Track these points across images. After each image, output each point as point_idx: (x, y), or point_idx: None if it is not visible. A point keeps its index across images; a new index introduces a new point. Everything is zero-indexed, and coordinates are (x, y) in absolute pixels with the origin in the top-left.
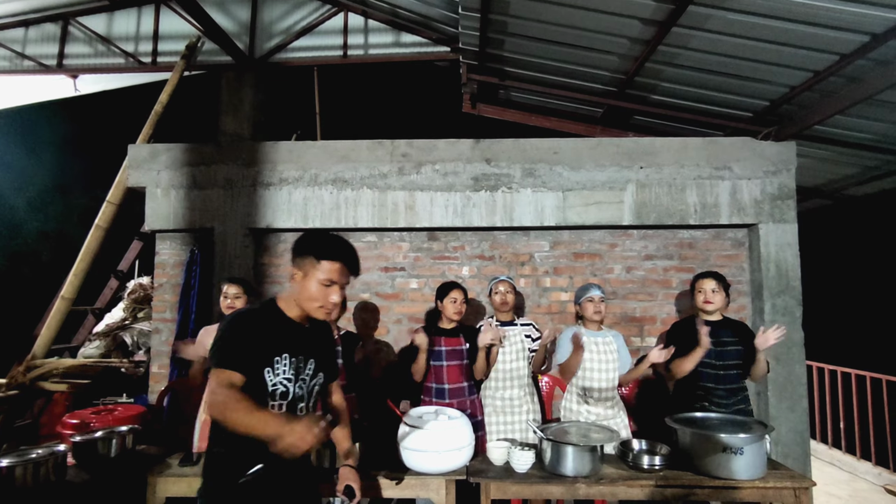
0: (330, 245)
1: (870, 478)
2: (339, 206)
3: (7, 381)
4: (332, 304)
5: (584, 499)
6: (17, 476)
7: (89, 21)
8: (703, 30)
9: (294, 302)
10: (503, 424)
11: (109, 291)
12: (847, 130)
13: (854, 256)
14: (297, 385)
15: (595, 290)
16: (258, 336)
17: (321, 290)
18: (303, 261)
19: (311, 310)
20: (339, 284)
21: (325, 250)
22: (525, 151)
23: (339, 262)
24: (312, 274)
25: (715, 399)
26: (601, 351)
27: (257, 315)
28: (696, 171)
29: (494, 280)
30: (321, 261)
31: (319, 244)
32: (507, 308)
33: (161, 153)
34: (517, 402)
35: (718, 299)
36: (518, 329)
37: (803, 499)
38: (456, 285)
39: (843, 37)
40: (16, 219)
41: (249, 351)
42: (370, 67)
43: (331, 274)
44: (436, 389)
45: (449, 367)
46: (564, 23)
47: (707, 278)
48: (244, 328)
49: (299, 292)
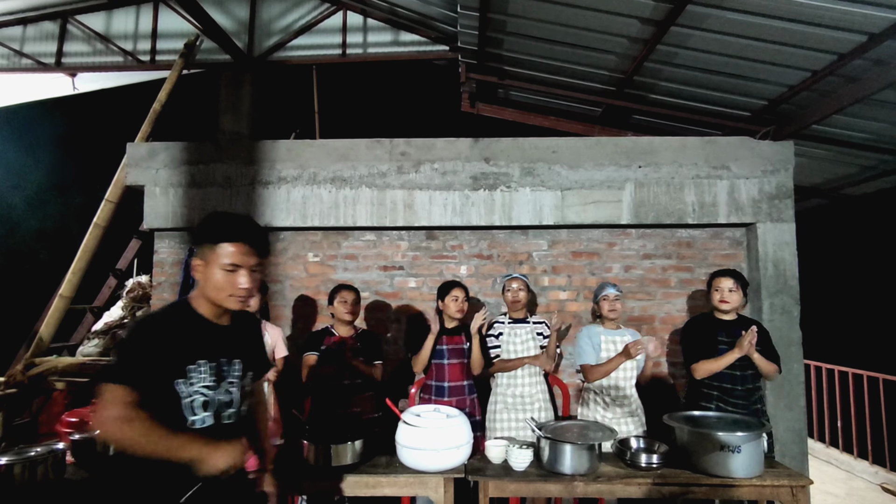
0: (226, 226)
1: (867, 476)
2: (337, 205)
3: (6, 380)
4: (243, 291)
5: (582, 497)
6: (16, 474)
7: (88, 19)
8: (702, 29)
9: (205, 297)
10: (514, 422)
11: (108, 290)
12: (845, 130)
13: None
14: (221, 391)
15: (610, 288)
16: (164, 345)
17: (225, 276)
18: (202, 249)
19: (220, 300)
20: (245, 268)
21: (221, 233)
22: (524, 150)
23: (239, 242)
24: (213, 261)
25: (732, 399)
26: (619, 350)
27: (163, 320)
28: (695, 171)
29: (507, 277)
30: (218, 244)
31: (215, 227)
32: (519, 306)
33: (160, 152)
34: (528, 399)
35: (735, 298)
36: (530, 327)
37: (801, 497)
38: (457, 284)
39: (841, 36)
40: (14, 217)
41: (151, 363)
42: (369, 66)
43: (232, 257)
44: (436, 387)
45: (450, 366)
46: (563, 22)
47: (725, 277)
48: (146, 338)
49: (205, 284)
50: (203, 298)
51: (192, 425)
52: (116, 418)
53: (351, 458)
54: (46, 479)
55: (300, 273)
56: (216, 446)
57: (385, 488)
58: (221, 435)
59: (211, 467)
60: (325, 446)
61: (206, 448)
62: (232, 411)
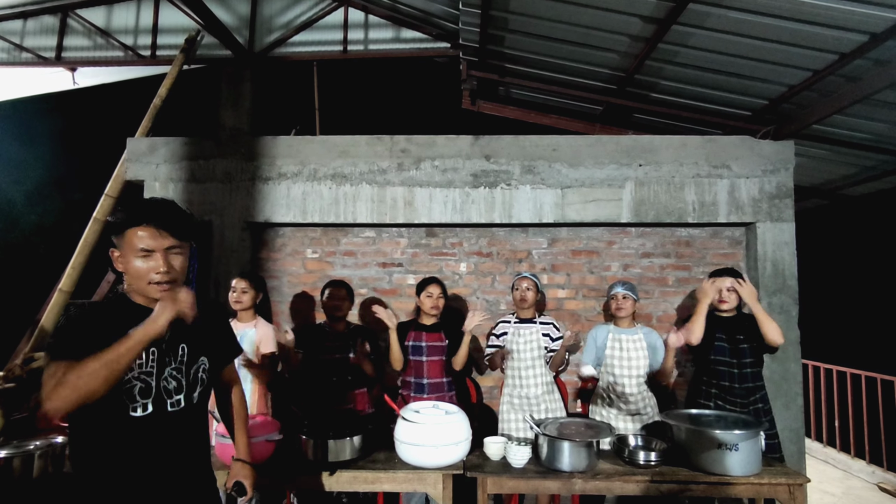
0: (132, 212)
1: (863, 476)
2: (337, 202)
3: (4, 374)
4: (162, 276)
5: (580, 494)
6: (15, 467)
7: (88, 13)
8: (703, 28)
9: (132, 288)
10: (521, 422)
11: (107, 285)
12: (845, 130)
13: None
14: (165, 378)
15: (618, 287)
16: (99, 329)
17: (141, 263)
18: (117, 239)
19: (143, 290)
20: (159, 251)
21: (127, 219)
22: (524, 148)
23: (144, 224)
24: (126, 250)
25: (731, 398)
26: (625, 348)
27: (99, 308)
28: (695, 170)
29: (518, 276)
30: (125, 231)
31: (122, 215)
32: (526, 305)
33: (160, 147)
34: (534, 400)
35: (734, 298)
36: (537, 327)
37: (798, 495)
38: (433, 280)
39: (842, 36)
40: (13, 212)
41: (86, 344)
42: (370, 63)
43: (142, 241)
44: (415, 384)
45: (429, 363)
46: (565, 20)
47: (724, 276)
48: (81, 321)
49: (126, 275)
50: (133, 289)
51: (133, 412)
52: (54, 385)
53: (350, 453)
54: (45, 472)
55: (298, 269)
56: (156, 312)
57: (384, 484)
58: (168, 423)
59: (161, 324)
60: (323, 442)
61: (144, 322)
62: (179, 398)
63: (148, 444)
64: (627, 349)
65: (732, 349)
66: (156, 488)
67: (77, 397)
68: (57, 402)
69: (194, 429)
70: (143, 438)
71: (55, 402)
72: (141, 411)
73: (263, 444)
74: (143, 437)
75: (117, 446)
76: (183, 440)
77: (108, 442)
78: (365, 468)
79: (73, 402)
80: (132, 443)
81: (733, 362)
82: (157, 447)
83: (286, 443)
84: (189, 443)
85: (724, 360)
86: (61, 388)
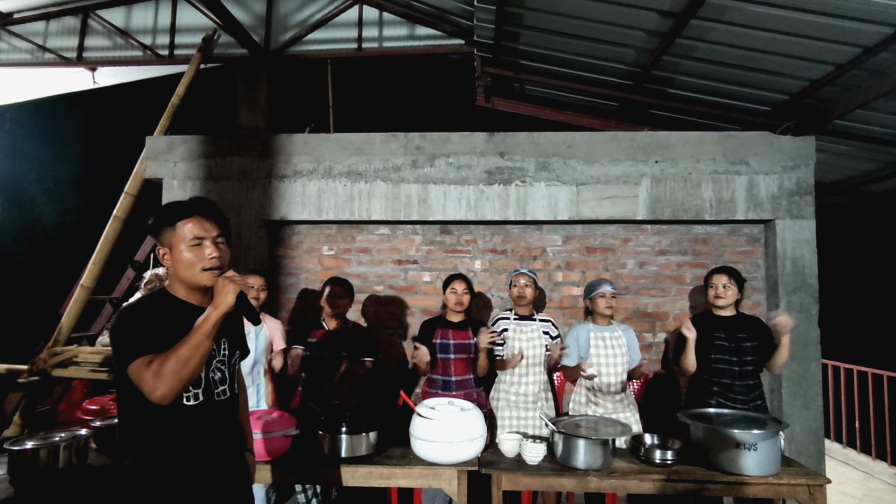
0: (177, 207)
1: (885, 478)
2: (352, 199)
3: (29, 368)
4: (213, 261)
5: (594, 492)
6: (41, 458)
7: (108, 14)
8: (722, 22)
9: (179, 282)
10: (517, 420)
11: (126, 281)
12: (868, 125)
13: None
14: (212, 370)
15: (607, 285)
16: (151, 326)
17: (193, 251)
18: (162, 237)
19: (194, 278)
20: (209, 238)
21: (174, 215)
22: (539, 145)
23: (194, 216)
24: (176, 243)
25: (731, 395)
26: (608, 346)
27: (146, 306)
28: (712, 166)
29: (515, 272)
30: (175, 225)
31: (167, 213)
32: (524, 302)
33: (178, 145)
34: (531, 398)
35: (730, 294)
36: (536, 325)
37: (818, 496)
38: (458, 276)
39: (866, 28)
40: (35, 209)
41: (163, 337)
42: (384, 60)
43: (192, 231)
44: (442, 381)
45: (456, 360)
46: (580, 15)
47: (719, 273)
48: (143, 317)
49: (175, 268)
50: (179, 284)
51: (186, 401)
52: (154, 377)
53: (365, 449)
54: (70, 464)
55: (315, 266)
56: (217, 294)
57: (399, 479)
58: (215, 412)
59: (230, 300)
60: (339, 437)
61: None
62: (224, 387)
63: (198, 432)
64: (612, 346)
65: (732, 348)
66: (205, 474)
67: (181, 383)
68: (163, 390)
69: (234, 418)
70: (194, 426)
71: (162, 391)
72: (193, 401)
73: (281, 439)
74: (195, 425)
75: (171, 434)
76: (227, 428)
77: (163, 430)
78: (380, 464)
79: (178, 388)
80: (185, 430)
81: (733, 360)
82: (207, 435)
83: (303, 438)
84: (231, 431)
85: (724, 359)
86: (163, 378)
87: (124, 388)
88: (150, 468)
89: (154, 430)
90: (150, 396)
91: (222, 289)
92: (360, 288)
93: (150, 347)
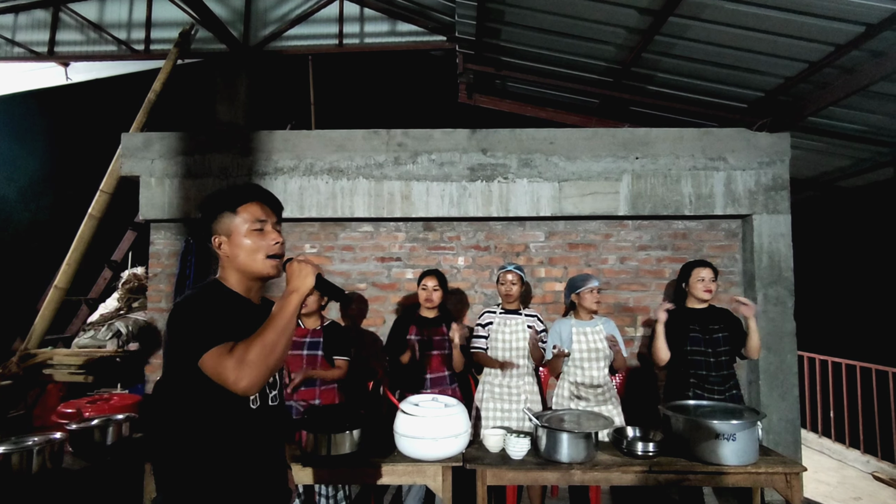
0: (237, 192)
1: (858, 465)
2: (334, 196)
3: (1, 371)
4: (277, 246)
5: (578, 485)
6: (13, 463)
7: (81, 7)
8: (700, 19)
9: (236, 272)
10: (500, 412)
11: (103, 281)
12: (841, 122)
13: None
14: None
15: (595, 280)
16: (224, 316)
17: (256, 236)
18: (219, 224)
19: (257, 266)
20: (270, 223)
21: (234, 199)
22: (521, 142)
23: (255, 200)
24: (236, 228)
25: (708, 386)
26: (591, 340)
27: (207, 297)
28: (692, 162)
29: (502, 269)
30: (237, 209)
31: (226, 198)
32: (511, 299)
33: (155, 142)
34: (515, 390)
35: (714, 287)
36: (522, 319)
37: (794, 484)
38: (429, 273)
39: (838, 27)
40: (6, 208)
41: (233, 326)
42: (366, 56)
43: (256, 214)
44: (418, 379)
45: (431, 356)
46: (561, 12)
47: (706, 267)
48: (209, 306)
49: (235, 257)
50: (235, 275)
51: (252, 404)
52: (237, 366)
53: (349, 447)
54: (44, 468)
55: None
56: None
57: (384, 477)
58: (268, 416)
59: (310, 282)
60: (323, 435)
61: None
62: (275, 393)
63: (257, 435)
64: (594, 341)
65: (707, 339)
66: (258, 476)
67: (268, 370)
68: (250, 379)
69: (283, 426)
70: (254, 429)
71: (249, 380)
72: (254, 404)
73: None
74: (254, 427)
75: (234, 436)
76: (277, 431)
77: (226, 432)
78: (364, 461)
79: (265, 377)
80: (246, 433)
81: (708, 352)
82: (262, 438)
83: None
84: (279, 434)
85: (699, 350)
86: (249, 366)
87: (184, 387)
88: (208, 471)
89: (217, 432)
90: (235, 386)
91: (300, 271)
92: (343, 285)
93: (228, 334)
